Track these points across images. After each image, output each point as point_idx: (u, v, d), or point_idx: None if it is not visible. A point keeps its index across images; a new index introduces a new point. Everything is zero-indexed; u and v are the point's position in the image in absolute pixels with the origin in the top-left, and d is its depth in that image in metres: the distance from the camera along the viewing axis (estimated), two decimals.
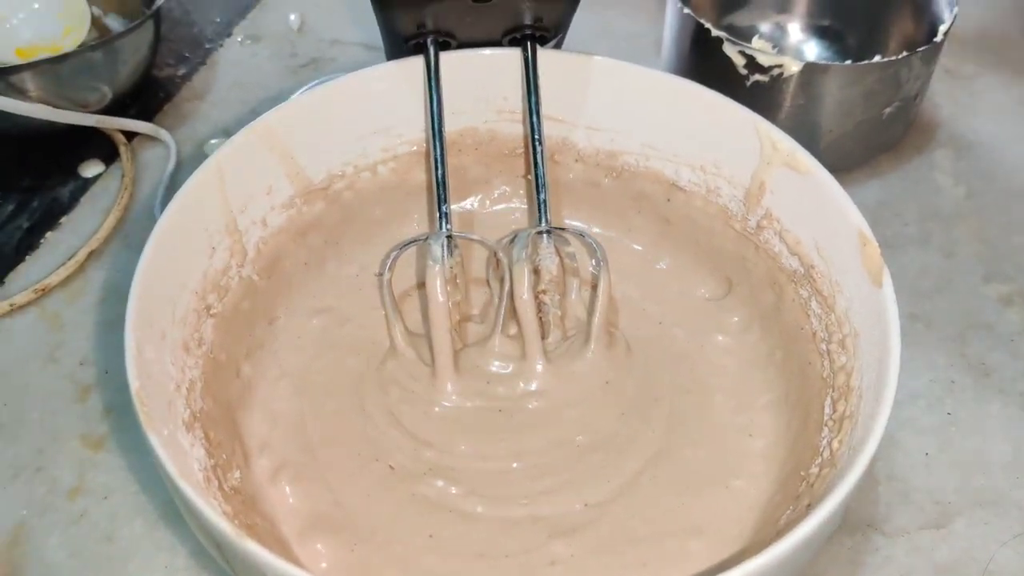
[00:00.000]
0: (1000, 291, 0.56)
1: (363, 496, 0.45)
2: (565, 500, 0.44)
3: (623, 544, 0.43)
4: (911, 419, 0.50)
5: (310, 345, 0.50)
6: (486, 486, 0.45)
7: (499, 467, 0.46)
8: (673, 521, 0.44)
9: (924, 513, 0.47)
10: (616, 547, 0.43)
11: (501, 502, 0.44)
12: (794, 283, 0.48)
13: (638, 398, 0.48)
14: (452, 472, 0.45)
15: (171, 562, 0.44)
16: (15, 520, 0.46)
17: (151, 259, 0.43)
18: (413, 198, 0.54)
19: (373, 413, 0.47)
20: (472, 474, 0.45)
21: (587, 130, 0.53)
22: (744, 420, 0.47)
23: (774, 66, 0.57)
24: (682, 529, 0.43)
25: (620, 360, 0.50)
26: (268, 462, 0.45)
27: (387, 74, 0.51)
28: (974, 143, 0.65)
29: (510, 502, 0.44)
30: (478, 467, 0.46)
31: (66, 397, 0.50)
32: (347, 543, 0.43)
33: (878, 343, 0.41)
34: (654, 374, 0.49)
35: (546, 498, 0.45)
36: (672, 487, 0.45)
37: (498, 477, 0.45)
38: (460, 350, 0.50)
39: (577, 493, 0.45)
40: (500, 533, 0.43)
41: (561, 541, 0.43)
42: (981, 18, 0.74)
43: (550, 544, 0.43)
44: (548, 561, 0.42)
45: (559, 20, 0.51)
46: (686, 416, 0.48)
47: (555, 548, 0.43)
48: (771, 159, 0.48)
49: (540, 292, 0.50)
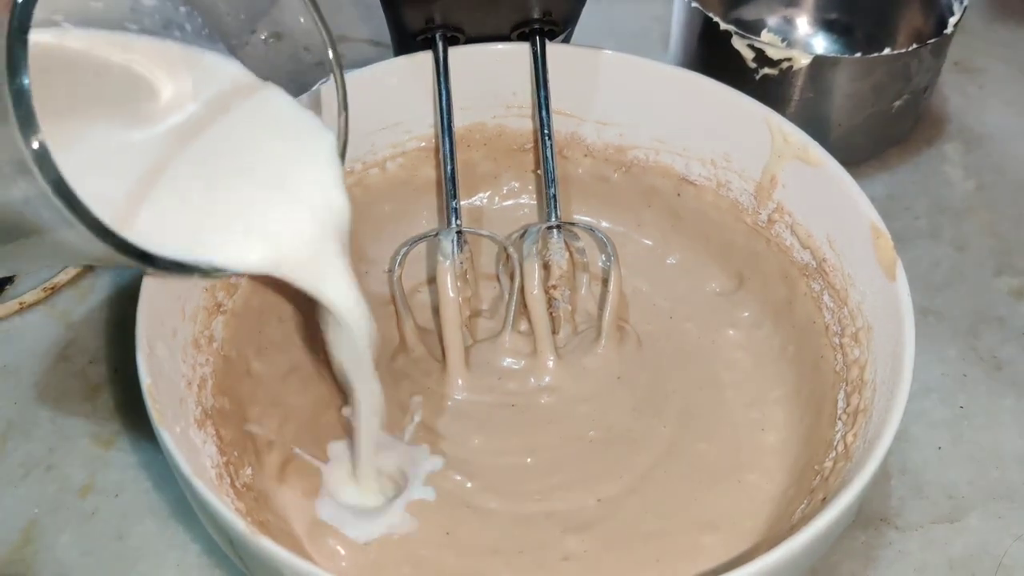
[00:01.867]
0: (1011, 284, 0.56)
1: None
2: (579, 496, 0.44)
3: (637, 539, 0.43)
4: (923, 413, 0.50)
5: (320, 341, 0.50)
6: (500, 482, 0.45)
7: (513, 462, 0.46)
8: (686, 516, 0.44)
9: (937, 507, 0.46)
10: (630, 542, 0.43)
11: (515, 498, 0.44)
12: (806, 277, 0.48)
13: (650, 393, 0.48)
14: (467, 467, 0.45)
15: (183, 560, 0.44)
16: (27, 518, 0.46)
17: None
18: (422, 194, 0.54)
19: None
20: (486, 469, 0.45)
21: (596, 124, 0.53)
22: (757, 415, 0.47)
23: (783, 59, 0.57)
24: (695, 524, 0.43)
25: (631, 355, 0.49)
26: (279, 458, 0.45)
27: (395, 70, 0.51)
28: (984, 136, 0.65)
29: (524, 498, 0.44)
30: (492, 462, 0.46)
31: (76, 395, 0.50)
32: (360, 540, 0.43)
33: (892, 336, 0.40)
34: (665, 369, 0.49)
35: (560, 494, 0.44)
36: (685, 482, 0.45)
37: (512, 473, 0.45)
38: (471, 346, 0.49)
39: (590, 488, 0.45)
40: (514, 529, 0.43)
41: (575, 537, 0.43)
42: (990, 10, 0.74)
43: (564, 540, 0.43)
44: (561, 556, 0.42)
45: (568, 14, 0.51)
46: (698, 411, 0.48)
47: (569, 544, 0.43)
48: (782, 152, 0.47)
49: (551, 287, 0.50)
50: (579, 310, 0.51)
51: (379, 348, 0.41)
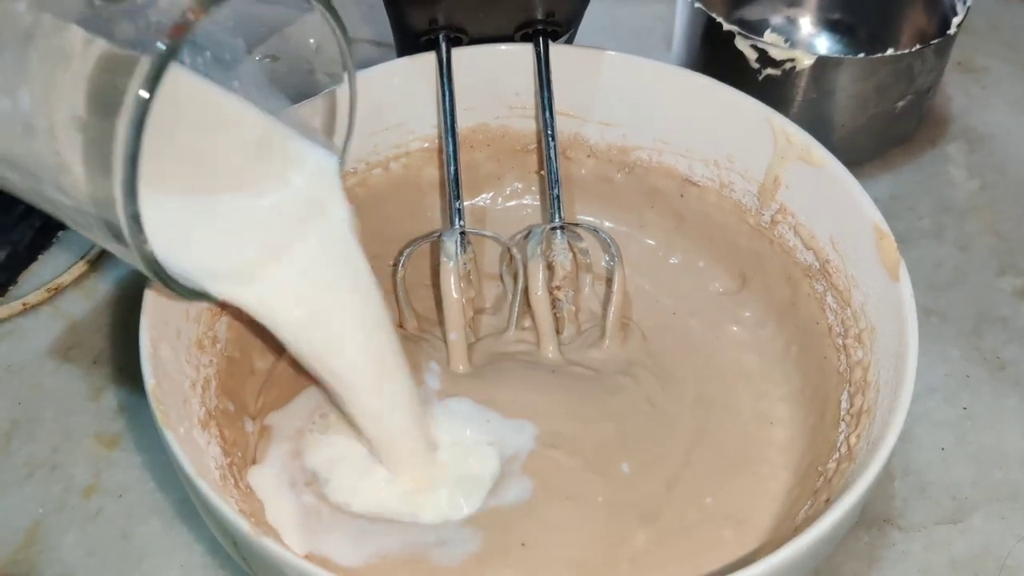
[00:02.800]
0: (1015, 284, 0.56)
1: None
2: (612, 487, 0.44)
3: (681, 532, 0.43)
4: (927, 413, 0.50)
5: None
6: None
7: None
8: (715, 508, 0.44)
9: (941, 508, 0.46)
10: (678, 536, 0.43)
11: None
12: (809, 278, 0.48)
13: (662, 383, 0.48)
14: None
15: (187, 560, 0.44)
16: (31, 518, 0.46)
17: None
18: (425, 195, 0.54)
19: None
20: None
21: (600, 125, 0.53)
22: (765, 407, 0.47)
23: (786, 60, 0.57)
24: (722, 516, 0.43)
25: (636, 350, 0.49)
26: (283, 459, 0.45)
27: (399, 70, 0.51)
28: (987, 136, 0.65)
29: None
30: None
31: (80, 396, 0.50)
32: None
33: (895, 337, 0.40)
34: (672, 361, 0.49)
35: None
36: (712, 472, 0.45)
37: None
38: (473, 343, 0.49)
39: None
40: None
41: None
42: (993, 10, 0.74)
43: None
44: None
45: (571, 15, 0.51)
46: (710, 401, 0.48)
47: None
48: (785, 153, 0.47)
49: (554, 288, 0.50)
50: (582, 310, 0.51)
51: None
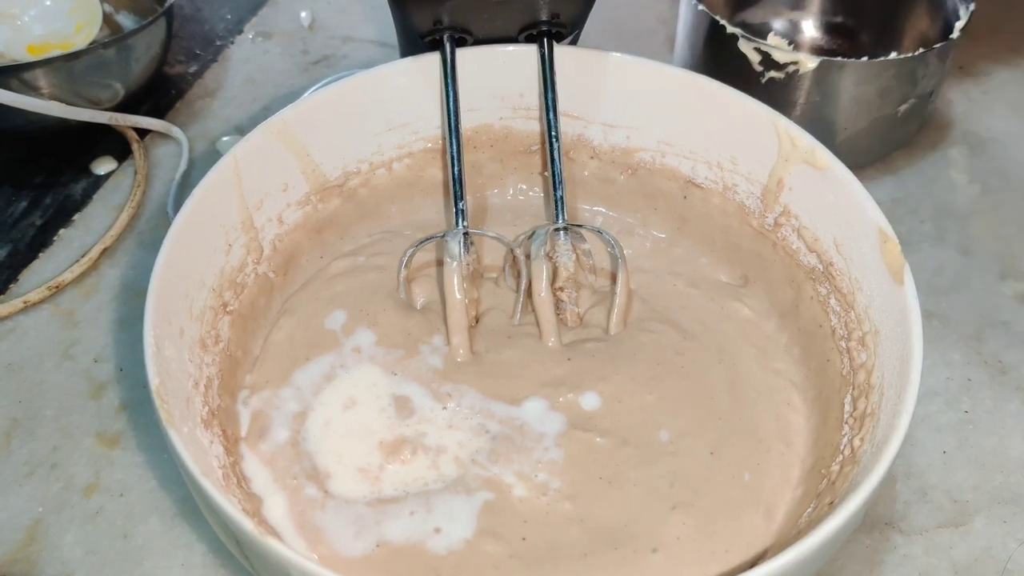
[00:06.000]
0: (1016, 289, 0.56)
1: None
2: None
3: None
4: (928, 417, 0.50)
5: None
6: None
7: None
8: (750, 494, 0.43)
9: (942, 511, 0.46)
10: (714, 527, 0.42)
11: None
12: (812, 280, 0.48)
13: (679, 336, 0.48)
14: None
15: (188, 559, 0.44)
16: (31, 517, 0.46)
17: (169, 256, 0.42)
18: (428, 195, 0.54)
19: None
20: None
21: (603, 127, 0.53)
22: (780, 384, 0.47)
23: (790, 63, 0.57)
24: (754, 503, 0.43)
25: (641, 311, 0.50)
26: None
27: (403, 71, 0.51)
28: (988, 140, 0.65)
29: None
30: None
31: (81, 394, 0.50)
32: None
33: (899, 341, 0.40)
34: (676, 346, 0.49)
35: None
36: (738, 458, 0.45)
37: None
38: (474, 327, 0.49)
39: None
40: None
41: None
42: (995, 15, 0.74)
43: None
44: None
45: (576, 17, 0.51)
46: (722, 384, 0.47)
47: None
48: (789, 156, 0.47)
49: (558, 289, 0.50)
50: (585, 310, 0.51)
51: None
